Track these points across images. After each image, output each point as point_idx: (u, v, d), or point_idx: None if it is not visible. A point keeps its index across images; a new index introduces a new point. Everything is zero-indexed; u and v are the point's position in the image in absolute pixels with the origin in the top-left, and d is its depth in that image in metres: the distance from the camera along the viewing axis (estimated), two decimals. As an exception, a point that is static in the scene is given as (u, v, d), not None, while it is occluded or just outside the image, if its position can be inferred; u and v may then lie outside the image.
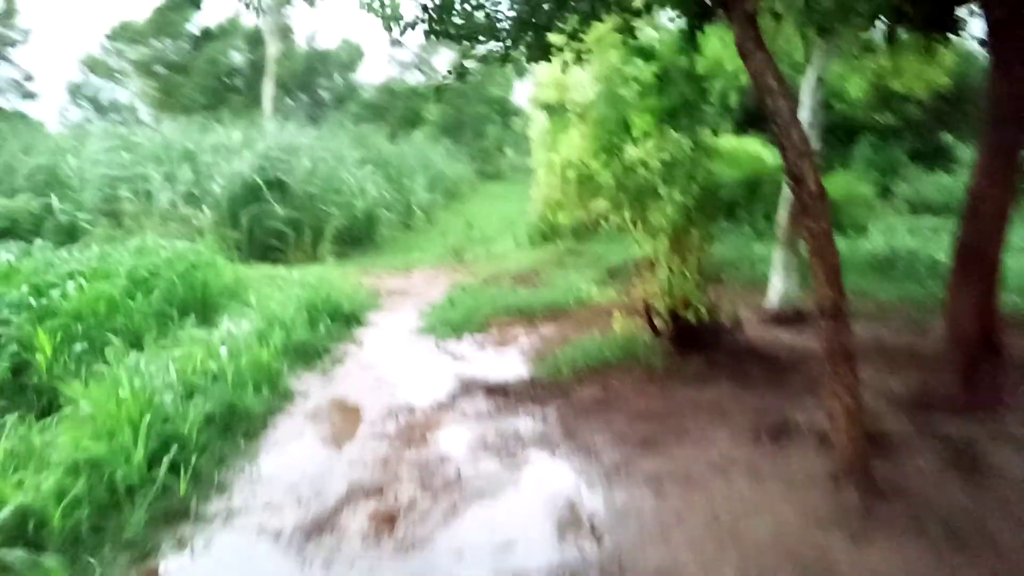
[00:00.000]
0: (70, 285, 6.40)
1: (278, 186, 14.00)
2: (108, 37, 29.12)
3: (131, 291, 6.94)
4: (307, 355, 6.34)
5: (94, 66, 29.53)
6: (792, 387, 5.03)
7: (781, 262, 7.08)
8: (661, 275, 5.53)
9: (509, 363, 6.15)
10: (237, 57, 29.66)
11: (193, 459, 3.97)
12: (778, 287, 7.09)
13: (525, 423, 4.78)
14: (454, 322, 7.42)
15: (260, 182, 13.83)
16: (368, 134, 21.45)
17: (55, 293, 6.33)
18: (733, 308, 6.12)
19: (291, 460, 4.32)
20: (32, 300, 5.82)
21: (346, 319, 7.58)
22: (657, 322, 5.64)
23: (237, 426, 4.65)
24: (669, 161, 5.66)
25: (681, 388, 5.12)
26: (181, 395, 4.61)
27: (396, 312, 8.36)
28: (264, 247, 13.33)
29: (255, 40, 28.28)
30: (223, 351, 5.32)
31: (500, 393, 5.39)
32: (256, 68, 27.38)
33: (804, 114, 6.75)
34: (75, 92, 29.71)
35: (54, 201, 12.55)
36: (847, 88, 12.64)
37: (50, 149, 14.92)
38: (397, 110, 29.27)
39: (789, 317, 6.89)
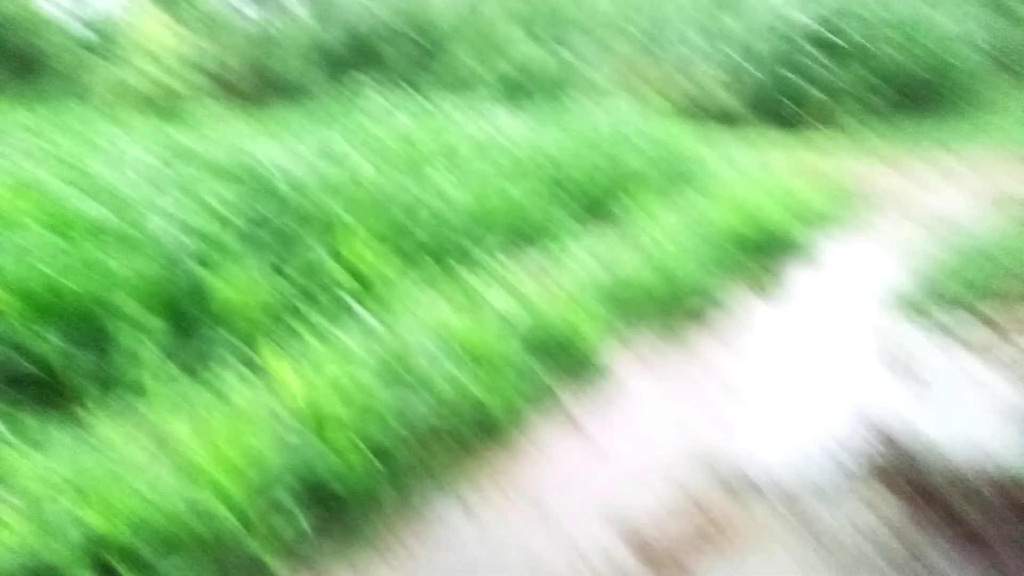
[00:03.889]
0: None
1: (821, 32, 10.60)
2: None
3: (513, 176, 5.59)
4: (670, 307, 4.04)
5: None
6: None
7: None
8: None
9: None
10: None
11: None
12: None
13: None
14: (965, 283, 4.03)
15: (801, 26, 10.68)
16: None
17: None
18: None
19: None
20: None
21: (768, 246, 4.85)
22: None
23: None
24: None
25: None
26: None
27: (871, 234, 5.17)
28: (778, 108, 10.44)
29: None
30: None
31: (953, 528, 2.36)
32: None
33: None
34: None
35: (559, 50, 11.85)
36: None
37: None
38: None
39: None
